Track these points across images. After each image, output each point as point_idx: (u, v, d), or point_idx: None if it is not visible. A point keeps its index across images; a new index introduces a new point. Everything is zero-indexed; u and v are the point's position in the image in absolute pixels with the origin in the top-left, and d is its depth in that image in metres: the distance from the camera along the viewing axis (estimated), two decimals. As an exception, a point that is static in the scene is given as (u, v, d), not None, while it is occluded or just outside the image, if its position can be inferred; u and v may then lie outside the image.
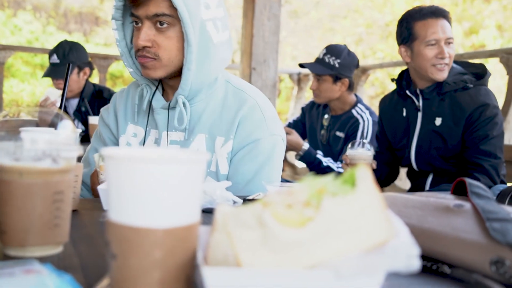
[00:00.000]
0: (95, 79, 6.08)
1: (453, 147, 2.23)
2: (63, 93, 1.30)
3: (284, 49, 15.30)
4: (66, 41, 3.28)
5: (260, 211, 0.50)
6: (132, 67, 1.41)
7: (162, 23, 1.27)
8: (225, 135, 1.37)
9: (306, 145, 2.93)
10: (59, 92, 3.16)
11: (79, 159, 1.44)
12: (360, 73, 5.00)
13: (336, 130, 3.04)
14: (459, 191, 0.90)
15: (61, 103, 1.29)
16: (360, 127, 2.95)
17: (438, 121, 2.25)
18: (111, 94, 3.42)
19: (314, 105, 3.26)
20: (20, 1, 15.65)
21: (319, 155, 2.94)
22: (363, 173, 0.51)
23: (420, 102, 2.30)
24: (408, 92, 2.34)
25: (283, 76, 6.87)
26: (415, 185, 2.54)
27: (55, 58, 3.19)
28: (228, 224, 0.51)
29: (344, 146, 2.97)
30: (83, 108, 3.29)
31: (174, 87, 1.40)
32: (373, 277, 0.48)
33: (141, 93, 1.44)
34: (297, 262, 0.49)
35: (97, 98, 3.39)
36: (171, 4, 1.25)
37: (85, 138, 2.95)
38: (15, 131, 0.79)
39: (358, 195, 0.50)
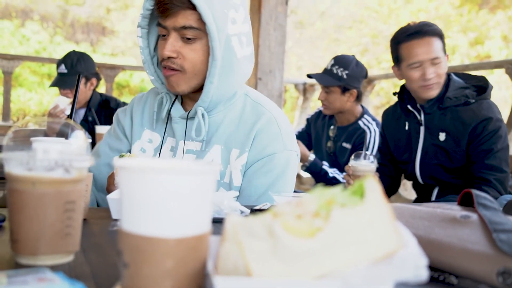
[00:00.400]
0: (102, 89, 6.13)
1: (457, 161, 2.22)
2: (73, 103, 1.31)
3: (290, 59, 15.36)
4: (74, 52, 3.31)
5: (270, 222, 0.51)
6: (154, 75, 1.43)
7: (189, 35, 1.29)
8: (241, 148, 1.38)
9: (312, 156, 2.93)
10: (69, 100, 3.18)
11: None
12: (366, 84, 5.01)
13: (343, 142, 3.04)
14: (466, 202, 0.91)
15: (71, 113, 1.30)
16: (367, 138, 2.95)
17: (442, 136, 2.24)
18: (118, 104, 3.44)
19: (320, 116, 3.27)
20: (28, 11, 15.82)
21: (325, 166, 2.94)
22: (372, 185, 0.52)
23: (422, 117, 2.29)
24: (410, 107, 2.33)
25: (288, 86, 6.90)
26: (421, 197, 2.53)
27: (63, 68, 3.22)
28: (239, 234, 0.52)
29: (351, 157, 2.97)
30: (90, 118, 3.31)
31: (194, 98, 1.42)
32: (382, 287, 0.49)
33: (161, 101, 1.45)
34: (307, 272, 0.50)
35: (104, 108, 3.41)
36: (200, 18, 1.26)
37: (92, 148, 2.96)
38: (26, 141, 0.81)
39: (367, 206, 0.51)
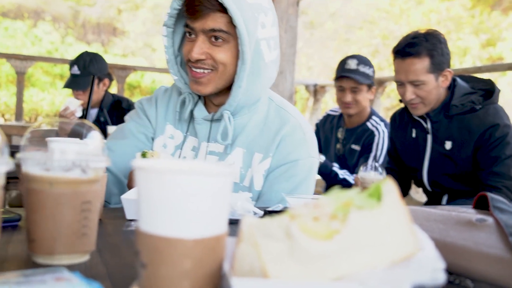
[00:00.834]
0: (113, 89, 6.17)
1: (465, 170, 2.19)
2: (88, 104, 1.33)
3: (300, 60, 15.36)
4: (87, 53, 3.33)
5: (287, 223, 0.51)
6: (177, 75, 1.42)
7: (217, 38, 1.27)
8: (264, 152, 1.37)
9: (322, 158, 2.93)
10: (79, 102, 3.20)
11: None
12: (377, 85, 4.99)
13: (352, 143, 3.04)
14: (481, 205, 0.90)
15: (86, 114, 1.32)
16: (376, 139, 2.94)
17: (448, 145, 2.21)
18: (130, 105, 3.46)
19: (327, 119, 3.27)
20: (40, 12, 15.97)
21: (335, 168, 2.94)
22: (389, 187, 0.52)
23: (429, 125, 2.27)
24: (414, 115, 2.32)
25: (299, 87, 6.89)
26: (431, 202, 2.52)
27: (76, 69, 3.24)
28: (255, 236, 0.52)
29: (360, 159, 2.97)
30: (102, 118, 3.33)
31: (216, 100, 1.41)
32: (399, 290, 0.49)
33: (183, 101, 1.44)
34: (324, 274, 0.50)
35: (116, 109, 3.43)
36: (230, 21, 1.25)
37: None
38: (41, 142, 0.82)
39: (384, 209, 0.51)
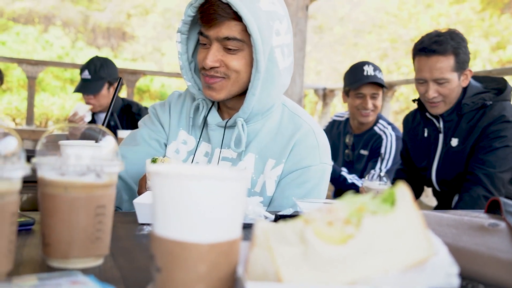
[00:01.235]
0: (123, 94, 6.20)
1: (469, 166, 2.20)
2: (109, 109, 1.37)
3: (309, 64, 15.36)
4: (98, 57, 3.35)
5: (302, 228, 0.51)
6: (191, 81, 1.42)
7: (231, 46, 1.27)
8: (277, 158, 1.37)
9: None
10: (88, 107, 3.23)
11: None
12: (386, 89, 4.97)
13: (361, 149, 3.04)
14: (493, 210, 0.90)
15: (105, 119, 1.35)
16: (384, 143, 2.95)
17: (454, 142, 2.21)
18: (140, 109, 3.48)
19: (334, 125, 3.28)
20: (50, 17, 16.12)
21: (344, 172, 2.94)
22: (403, 192, 0.52)
23: (441, 124, 2.27)
24: (428, 115, 2.32)
25: (307, 91, 6.89)
26: (441, 204, 2.51)
27: (87, 74, 3.27)
28: (269, 240, 0.53)
29: (368, 163, 2.97)
30: (112, 122, 3.35)
31: (232, 107, 1.42)
32: (413, 295, 0.49)
33: (197, 107, 1.45)
34: (338, 279, 0.50)
35: (126, 113, 3.45)
36: (244, 29, 1.25)
37: None
38: (56, 146, 0.83)
39: (398, 214, 0.51)
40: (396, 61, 15.56)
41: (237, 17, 1.24)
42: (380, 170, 2.73)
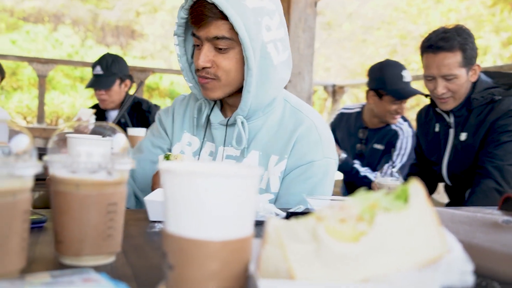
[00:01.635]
0: (132, 91, 6.22)
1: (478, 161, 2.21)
2: (122, 107, 1.39)
3: (317, 61, 15.31)
4: (109, 54, 3.40)
5: (314, 225, 0.51)
6: (192, 82, 1.45)
7: (222, 46, 1.29)
8: (280, 154, 1.38)
9: (344, 155, 2.94)
10: (91, 111, 3.26)
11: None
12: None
13: (374, 143, 3.04)
14: (506, 207, 0.89)
15: (118, 116, 1.37)
16: (400, 139, 2.96)
17: (463, 136, 2.24)
18: (150, 106, 3.50)
19: (343, 118, 3.27)
20: (60, 16, 16.20)
21: (356, 165, 2.95)
22: (416, 189, 0.52)
23: (452, 119, 2.29)
24: (439, 110, 2.33)
25: (316, 88, 6.88)
26: (454, 200, 2.51)
27: (99, 70, 3.30)
28: (281, 237, 0.52)
29: (384, 157, 2.96)
30: (123, 120, 3.37)
31: (233, 104, 1.43)
32: (427, 293, 0.49)
33: (200, 107, 1.47)
34: (350, 276, 0.50)
35: (136, 110, 3.47)
36: (232, 27, 1.26)
37: None
38: (66, 144, 0.83)
39: (411, 211, 0.51)
40: (406, 57, 15.45)
41: (224, 16, 1.26)
42: (393, 166, 2.74)
